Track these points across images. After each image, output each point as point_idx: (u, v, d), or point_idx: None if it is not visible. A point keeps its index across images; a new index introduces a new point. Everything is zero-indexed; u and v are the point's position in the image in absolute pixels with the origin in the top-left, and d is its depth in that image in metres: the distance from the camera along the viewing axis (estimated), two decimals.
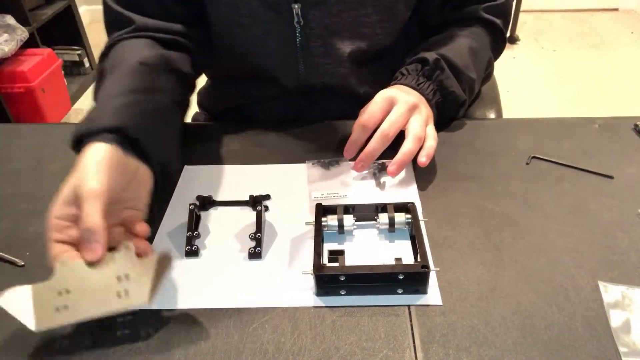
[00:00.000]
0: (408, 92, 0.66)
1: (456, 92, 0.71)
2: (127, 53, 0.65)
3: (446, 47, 0.73)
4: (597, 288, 0.50)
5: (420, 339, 0.46)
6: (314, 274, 0.49)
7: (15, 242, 0.58)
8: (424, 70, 0.70)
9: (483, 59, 0.77)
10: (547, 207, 0.60)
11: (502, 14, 0.80)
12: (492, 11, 0.78)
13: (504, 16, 0.81)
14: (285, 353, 0.45)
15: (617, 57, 2.78)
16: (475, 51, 0.75)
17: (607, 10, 3.36)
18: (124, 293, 0.46)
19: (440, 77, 0.70)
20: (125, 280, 0.46)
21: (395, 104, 0.63)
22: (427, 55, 0.70)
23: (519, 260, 0.53)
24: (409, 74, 0.70)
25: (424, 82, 0.69)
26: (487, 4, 0.78)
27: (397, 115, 0.62)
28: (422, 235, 0.54)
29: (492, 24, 0.79)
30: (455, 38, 0.75)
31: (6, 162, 0.72)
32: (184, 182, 0.66)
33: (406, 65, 0.72)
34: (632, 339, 0.45)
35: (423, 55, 0.71)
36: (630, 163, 0.66)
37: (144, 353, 0.46)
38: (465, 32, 0.76)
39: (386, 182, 0.65)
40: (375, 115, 0.62)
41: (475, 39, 0.76)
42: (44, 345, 0.47)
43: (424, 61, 0.70)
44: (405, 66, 0.72)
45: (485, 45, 0.78)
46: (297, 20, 0.71)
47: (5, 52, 2.01)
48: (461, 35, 0.76)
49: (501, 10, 0.80)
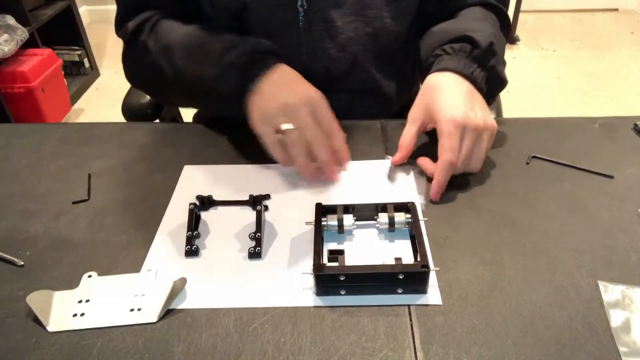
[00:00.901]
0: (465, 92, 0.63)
1: (504, 79, 0.69)
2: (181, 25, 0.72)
3: (480, 30, 0.69)
4: (597, 288, 0.50)
5: (420, 338, 0.46)
6: (314, 273, 0.49)
7: (15, 242, 0.58)
8: (473, 53, 0.66)
9: (503, 43, 0.75)
10: (547, 207, 0.60)
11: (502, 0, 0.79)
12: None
13: (504, 1, 0.80)
14: (285, 353, 0.45)
15: (617, 57, 2.78)
16: (497, 36, 0.72)
17: (607, 11, 3.36)
18: (137, 310, 0.50)
19: (493, 63, 0.67)
20: (141, 298, 0.51)
21: (466, 130, 0.60)
22: (476, 36, 0.67)
23: (519, 260, 0.53)
24: (455, 55, 0.67)
25: (475, 69, 0.65)
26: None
27: (467, 150, 0.60)
28: (422, 235, 0.54)
29: (496, 8, 0.77)
30: (476, 21, 0.73)
31: (6, 162, 0.72)
32: (184, 182, 0.66)
33: (449, 44, 0.68)
34: (632, 339, 0.45)
35: (470, 35, 0.67)
36: (630, 163, 0.66)
37: (144, 353, 0.46)
38: (479, 16, 0.74)
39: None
40: (457, 148, 0.60)
41: (492, 23, 0.74)
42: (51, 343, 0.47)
43: (472, 42, 0.67)
44: (449, 44, 0.68)
45: (499, 30, 0.75)
46: (301, 3, 0.71)
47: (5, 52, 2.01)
48: (479, 19, 0.74)
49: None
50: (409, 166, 0.67)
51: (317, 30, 0.74)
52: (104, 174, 0.69)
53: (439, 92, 0.63)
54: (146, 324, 0.48)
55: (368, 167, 0.67)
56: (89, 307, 0.50)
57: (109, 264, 0.55)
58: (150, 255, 0.56)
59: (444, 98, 0.62)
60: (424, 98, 0.65)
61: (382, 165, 0.67)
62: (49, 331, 0.48)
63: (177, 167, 0.69)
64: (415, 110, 0.66)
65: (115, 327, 0.48)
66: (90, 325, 0.48)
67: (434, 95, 0.63)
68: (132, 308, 0.50)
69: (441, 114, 0.61)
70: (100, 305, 0.50)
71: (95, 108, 2.47)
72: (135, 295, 0.51)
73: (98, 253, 0.56)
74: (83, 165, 0.70)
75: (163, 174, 0.68)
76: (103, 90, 2.62)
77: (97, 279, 0.53)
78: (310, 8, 0.71)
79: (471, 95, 0.63)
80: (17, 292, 0.52)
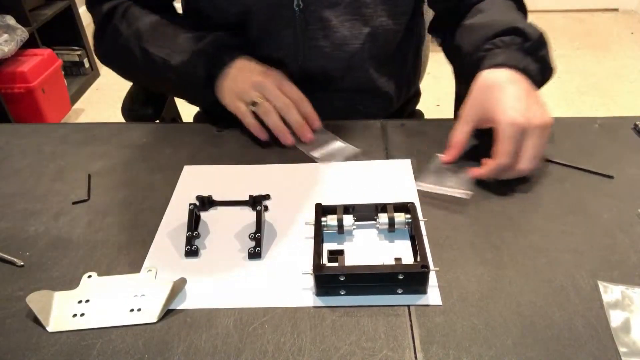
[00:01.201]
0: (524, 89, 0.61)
1: (554, 67, 0.68)
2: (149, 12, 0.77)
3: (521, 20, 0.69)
4: (597, 288, 0.50)
5: (420, 339, 0.46)
6: (314, 274, 0.49)
7: (15, 242, 0.58)
8: (525, 45, 0.65)
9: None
10: (547, 207, 0.60)
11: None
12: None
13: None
14: (285, 353, 0.45)
15: (617, 57, 2.78)
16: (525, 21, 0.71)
17: (607, 11, 3.36)
18: (137, 310, 0.50)
19: (543, 53, 0.66)
20: (141, 298, 0.51)
21: (527, 132, 0.58)
22: (525, 27, 0.66)
23: (519, 260, 0.53)
24: (507, 48, 0.65)
25: (529, 63, 0.64)
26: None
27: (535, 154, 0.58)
28: (422, 235, 0.54)
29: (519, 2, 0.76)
30: (510, 12, 0.72)
31: (6, 162, 0.72)
32: (184, 182, 0.66)
33: (497, 37, 0.67)
34: (632, 339, 0.45)
35: (519, 26, 0.66)
36: (630, 163, 0.66)
37: (144, 353, 0.46)
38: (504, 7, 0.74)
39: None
40: (513, 152, 0.58)
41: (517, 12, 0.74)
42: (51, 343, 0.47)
43: (521, 34, 0.65)
44: (498, 37, 0.67)
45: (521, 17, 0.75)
46: (297, 3, 0.71)
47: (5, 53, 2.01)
48: (509, 9, 0.73)
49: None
50: (409, 166, 0.67)
51: (313, 30, 0.74)
52: (104, 174, 0.69)
53: (497, 91, 0.61)
54: (146, 324, 0.48)
55: (368, 167, 0.67)
56: (89, 307, 0.50)
57: (109, 264, 0.55)
58: (150, 256, 0.56)
59: (503, 98, 0.60)
60: (479, 96, 0.63)
61: (382, 165, 0.67)
62: (49, 331, 0.48)
63: (177, 167, 0.69)
64: (470, 108, 0.64)
65: (115, 327, 0.48)
66: (90, 326, 0.48)
67: (491, 94, 0.62)
68: (132, 308, 0.50)
69: (501, 116, 0.59)
70: (100, 305, 0.50)
71: (95, 108, 2.47)
72: (135, 295, 0.51)
73: (98, 253, 0.56)
74: (83, 165, 0.70)
75: (163, 174, 0.68)
76: (103, 90, 2.62)
77: (97, 279, 0.53)
78: (307, 8, 0.72)
79: (528, 92, 0.61)
80: (17, 292, 0.52)
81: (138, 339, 0.47)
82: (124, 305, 0.50)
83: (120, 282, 0.53)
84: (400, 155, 0.69)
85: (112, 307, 0.50)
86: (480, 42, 0.68)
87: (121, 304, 0.50)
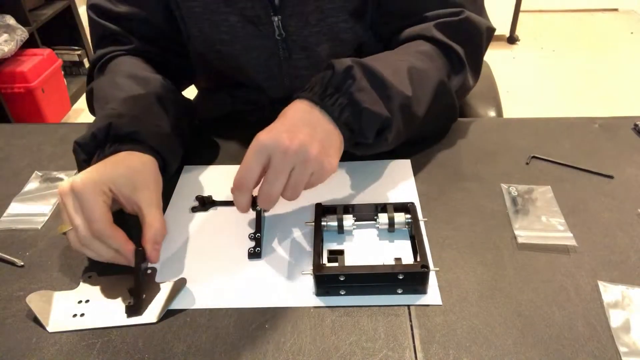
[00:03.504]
0: (302, 118, 0.53)
1: (372, 108, 0.55)
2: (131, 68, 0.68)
3: (375, 58, 0.60)
4: (597, 288, 0.50)
5: (420, 339, 0.46)
6: (314, 274, 0.49)
7: (15, 242, 0.58)
8: (332, 79, 0.55)
9: (429, 80, 0.62)
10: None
11: (458, 34, 0.67)
12: (446, 31, 0.66)
13: (464, 38, 0.67)
14: (285, 353, 0.45)
15: (617, 57, 2.78)
16: (419, 70, 0.61)
17: (607, 10, 3.36)
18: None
19: (351, 89, 0.54)
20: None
21: (272, 156, 0.50)
22: (337, 62, 0.56)
23: (519, 260, 0.53)
24: (315, 85, 0.56)
25: (329, 97, 0.54)
26: (441, 20, 0.66)
27: (276, 175, 0.50)
28: (422, 235, 0.54)
29: (446, 47, 0.66)
30: (394, 54, 0.64)
31: (6, 162, 0.72)
32: (184, 182, 0.66)
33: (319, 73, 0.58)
34: (632, 339, 0.45)
35: (331, 63, 0.57)
36: (630, 163, 0.66)
37: (144, 353, 0.46)
38: (410, 50, 0.65)
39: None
40: (252, 173, 0.51)
41: (421, 58, 0.63)
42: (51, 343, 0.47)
43: (333, 67, 0.56)
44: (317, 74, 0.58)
45: (435, 67, 0.64)
46: (279, 32, 0.70)
47: (5, 52, 2.01)
48: (403, 52, 0.64)
49: (456, 30, 0.66)
50: (409, 166, 0.67)
51: (298, 59, 0.73)
52: None
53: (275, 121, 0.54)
54: (146, 324, 0.48)
55: (368, 167, 0.67)
56: (89, 307, 0.50)
57: (109, 264, 0.55)
58: None
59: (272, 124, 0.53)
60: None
61: (382, 165, 0.67)
62: (49, 331, 0.48)
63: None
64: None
65: (115, 327, 0.48)
66: (90, 326, 0.48)
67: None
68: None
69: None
70: (100, 305, 0.50)
71: None
72: None
73: None
74: None
75: None
76: None
77: (97, 279, 0.53)
78: (289, 37, 0.70)
79: (310, 123, 0.53)
80: (17, 292, 0.52)
81: (138, 339, 0.47)
82: (124, 305, 0.50)
83: (120, 282, 0.53)
84: (400, 155, 0.69)
85: (112, 307, 0.50)
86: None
87: (121, 303, 0.50)
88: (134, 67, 0.69)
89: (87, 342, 0.47)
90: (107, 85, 0.66)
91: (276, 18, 0.68)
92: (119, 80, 0.65)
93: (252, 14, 0.68)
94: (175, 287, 0.51)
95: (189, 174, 0.68)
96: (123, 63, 0.70)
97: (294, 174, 0.51)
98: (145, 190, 0.54)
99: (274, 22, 0.69)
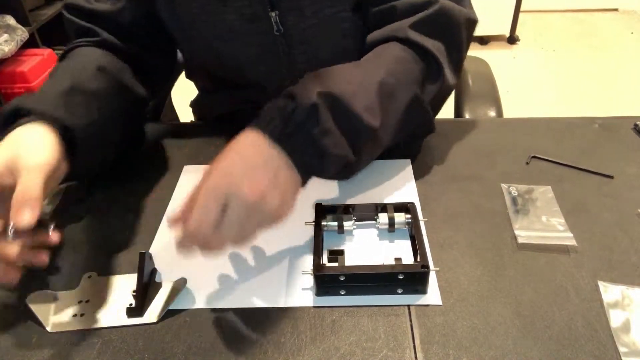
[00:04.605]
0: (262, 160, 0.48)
1: (335, 152, 0.51)
2: (88, 56, 0.67)
3: (344, 77, 0.55)
4: (597, 288, 0.50)
5: (420, 339, 0.46)
6: (314, 274, 0.49)
7: None
8: (294, 115, 0.50)
9: (402, 100, 0.58)
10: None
11: (434, 30, 0.61)
12: (422, 29, 0.61)
13: (440, 33, 0.62)
14: (285, 353, 0.45)
15: (617, 57, 2.78)
16: (391, 89, 0.56)
17: (607, 10, 3.36)
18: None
19: (314, 131, 0.50)
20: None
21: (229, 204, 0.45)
22: (298, 93, 0.51)
23: (519, 260, 0.53)
24: (274, 117, 0.50)
25: (290, 136, 0.49)
26: (417, 16, 0.61)
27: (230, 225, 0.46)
28: (422, 235, 0.54)
29: (421, 50, 0.61)
30: (365, 67, 0.59)
31: None
32: (184, 182, 0.66)
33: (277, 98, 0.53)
34: (632, 339, 0.45)
35: (294, 92, 0.51)
36: (630, 163, 0.66)
37: (144, 353, 0.46)
38: (383, 60, 0.59)
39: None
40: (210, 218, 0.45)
41: (395, 69, 0.58)
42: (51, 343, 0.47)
43: (294, 99, 0.51)
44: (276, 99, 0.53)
45: (410, 78, 0.59)
46: (277, 28, 0.69)
47: (5, 53, 2.01)
48: (375, 64, 0.59)
49: (432, 26, 0.61)
50: (409, 166, 0.67)
51: (297, 54, 0.72)
52: (103, 174, 0.68)
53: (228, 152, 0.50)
54: (146, 324, 0.48)
55: (368, 167, 0.67)
56: (89, 307, 0.50)
57: (109, 264, 0.55)
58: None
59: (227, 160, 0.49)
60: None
61: (382, 165, 0.67)
62: (49, 331, 0.48)
63: (177, 167, 0.69)
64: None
65: (116, 327, 0.48)
66: (90, 326, 0.48)
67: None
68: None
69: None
70: (101, 305, 0.50)
71: None
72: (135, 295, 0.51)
73: (98, 253, 0.56)
74: None
75: (163, 174, 0.68)
76: None
77: (98, 279, 0.53)
78: (287, 32, 0.70)
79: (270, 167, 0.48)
80: (17, 292, 0.52)
81: (138, 338, 0.47)
82: (124, 305, 0.50)
83: (120, 282, 0.53)
84: (400, 155, 0.69)
85: (112, 307, 0.50)
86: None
87: (121, 304, 0.50)
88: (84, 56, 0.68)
89: (87, 342, 0.47)
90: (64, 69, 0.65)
91: (273, 14, 0.68)
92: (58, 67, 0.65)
93: (249, 12, 0.68)
94: (176, 287, 0.51)
95: (189, 174, 0.68)
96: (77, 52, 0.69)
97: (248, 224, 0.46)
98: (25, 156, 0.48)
99: (272, 18, 0.68)
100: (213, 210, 0.45)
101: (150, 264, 0.53)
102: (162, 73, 0.81)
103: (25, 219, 0.44)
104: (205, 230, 0.45)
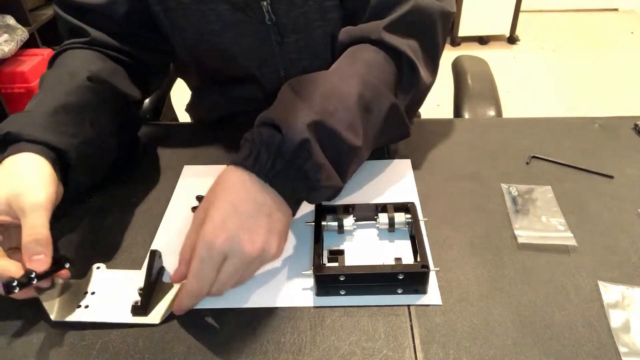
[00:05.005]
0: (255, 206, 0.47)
1: (327, 184, 0.50)
2: (77, 64, 0.66)
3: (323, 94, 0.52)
4: (597, 288, 0.50)
5: (420, 339, 0.46)
6: (314, 274, 0.49)
7: None
8: (282, 150, 0.47)
9: (379, 109, 0.56)
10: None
11: (409, 30, 0.60)
12: (397, 28, 0.60)
13: (415, 31, 0.61)
14: (285, 353, 0.45)
15: (617, 57, 2.78)
16: (368, 99, 0.55)
17: (607, 10, 3.36)
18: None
19: (306, 166, 0.48)
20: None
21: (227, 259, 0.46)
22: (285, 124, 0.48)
23: (519, 260, 0.53)
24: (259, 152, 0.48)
25: (280, 173, 0.48)
26: (390, 17, 0.60)
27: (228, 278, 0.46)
28: (422, 235, 0.54)
29: (396, 53, 0.59)
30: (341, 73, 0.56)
31: None
32: (183, 182, 0.66)
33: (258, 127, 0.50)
34: (632, 339, 0.45)
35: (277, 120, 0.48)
36: (630, 163, 0.66)
37: (144, 353, 0.46)
38: (358, 66, 0.57)
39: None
40: (207, 279, 0.46)
41: (370, 77, 0.56)
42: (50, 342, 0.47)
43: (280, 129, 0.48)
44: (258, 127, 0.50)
45: (385, 87, 0.57)
46: (269, 17, 0.69)
47: (5, 53, 2.01)
48: (350, 72, 0.57)
49: (407, 26, 0.60)
50: (409, 166, 0.67)
51: (289, 43, 0.72)
52: None
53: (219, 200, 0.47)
54: (147, 325, 0.48)
55: (368, 167, 0.67)
56: (95, 299, 0.50)
57: (109, 264, 0.55)
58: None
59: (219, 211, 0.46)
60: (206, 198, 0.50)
61: (382, 165, 0.67)
62: (52, 319, 0.48)
63: (177, 167, 0.69)
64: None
65: (116, 326, 0.48)
66: (92, 319, 0.48)
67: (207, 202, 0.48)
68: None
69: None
70: (106, 299, 0.50)
71: None
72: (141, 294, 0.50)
73: (98, 253, 0.56)
74: None
75: (163, 174, 0.68)
76: None
77: (106, 272, 0.53)
78: (279, 21, 0.69)
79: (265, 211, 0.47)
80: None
81: (138, 339, 0.47)
82: (128, 302, 0.49)
83: (127, 277, 0.52)
84: (400, 155, 0.69)
85: (116, 303, 0.50)
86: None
87: (126, 300, 0.50)
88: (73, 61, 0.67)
89: (87, 342, 0.47)
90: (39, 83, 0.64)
91: (265, 2, 0.67)
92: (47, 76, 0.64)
93: (240, 1, 0.67)
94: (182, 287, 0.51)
95: (189, 174, 0.68)
96: (67, 57, 0.68)
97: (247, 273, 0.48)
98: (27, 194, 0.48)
99: (263, 7, 0.68)
100: (211, 273, 0.46)
101: (159, 262, 0.53)
102: (157, 71, 0.80)
103: (43, 266, 0.46)
104: (204, 291, 0.46)
